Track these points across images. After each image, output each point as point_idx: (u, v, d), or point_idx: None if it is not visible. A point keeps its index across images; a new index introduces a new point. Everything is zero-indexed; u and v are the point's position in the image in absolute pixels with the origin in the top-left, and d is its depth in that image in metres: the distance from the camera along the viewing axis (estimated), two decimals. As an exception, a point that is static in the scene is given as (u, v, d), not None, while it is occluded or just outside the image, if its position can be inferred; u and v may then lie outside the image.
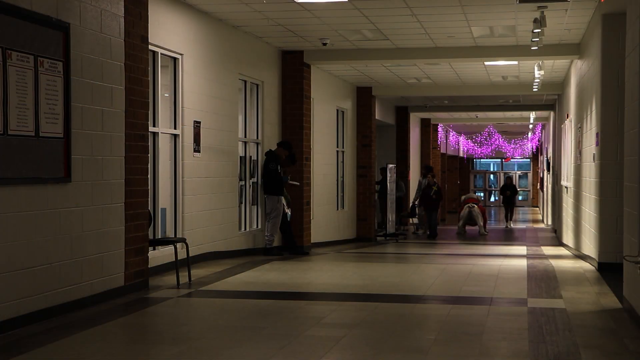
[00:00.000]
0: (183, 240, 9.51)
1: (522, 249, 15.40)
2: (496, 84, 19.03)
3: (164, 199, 10.46)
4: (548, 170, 25.57)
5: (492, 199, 47.55)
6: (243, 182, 13.07)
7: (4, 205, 6.33)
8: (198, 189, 11.16)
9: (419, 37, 12.79)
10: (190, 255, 9.79)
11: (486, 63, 15.46)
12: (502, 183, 29.19)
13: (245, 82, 13.11)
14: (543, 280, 9.96)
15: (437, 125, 29.59)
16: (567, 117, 16.03)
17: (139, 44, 8.54)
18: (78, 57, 7.36)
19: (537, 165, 39.89)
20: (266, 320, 7.01)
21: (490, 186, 48.37)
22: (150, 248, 9.39)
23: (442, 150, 32.01)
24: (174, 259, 9.35)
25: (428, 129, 27.91)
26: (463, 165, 43.05)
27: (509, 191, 26.87)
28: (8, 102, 6.32)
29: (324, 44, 13.41)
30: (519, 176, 48.48)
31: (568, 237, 15.39)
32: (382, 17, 11.36)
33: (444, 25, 11.94)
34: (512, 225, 26.11)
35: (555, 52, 13.54)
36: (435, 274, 10.68)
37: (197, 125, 11.10)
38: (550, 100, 22.17)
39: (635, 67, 7.07)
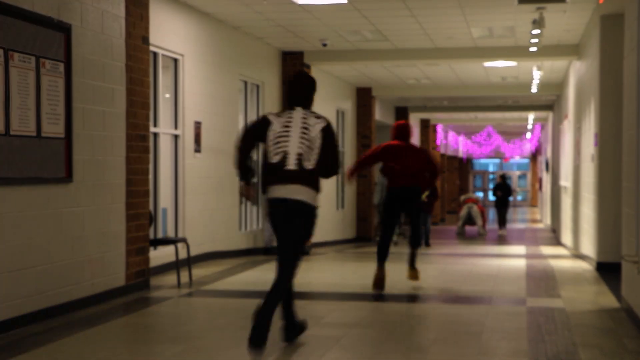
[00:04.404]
0: (184, 240, 9.54)
1: (521, 249, 15.44)
2: (495, 85, 19.08)
3: (165, 199, 10.50)
4: (547, 170, 25.59)
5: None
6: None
7: (6, 205, 6.37)
8: (199, 189, 11.21)
9: (418, 38, 12.83)
10: (191, 255, 9.83)
11: (485, 64, 15.50)
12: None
13: (245, 82, 13.15)
14: (542, 280, 10.00)
15: (437, 125, 29.65)
16: (566, 118, 16.07)
17: (140, 45, 8.58)
18: (79, 58, 7.40)
19: (536, 166, 39.94)
20: (267, 319, 7.04)
21: (489, 186, 48.45)
22: (151, 248, 9.43)
23: (442, 151, 32.07)
24: (174, 259, 9.38)
25: (427, 130, 27.97)
26: (462, 166, 43.11)
27: (500, 191, 22.60)
28: (10, 103, 6.36)
29: (324, 45, 13.45)
30: (519, 176, 48.55)
31: (567, 237, 15.43)
32: (382, 18, 11.40)
33: (443, 27, 11.99)
34: (505, 232, 21.63)
35: (554, 53, 13.59)
36: (435, 273, 10.72)
37: (197, 125, 11.14)
38: (549, 100, 22.21)
39: (633, 68, 7.11)
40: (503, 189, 22.72)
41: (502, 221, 22.16)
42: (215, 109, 11.78)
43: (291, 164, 5.59)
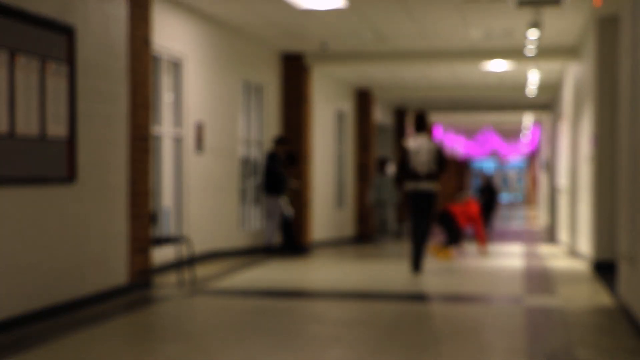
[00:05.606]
0: (186, 239, 9.62)
1: (518, 248, 15.52)
2: (493, 86, 19.15)
3: (167, 198, 10.58)
4: (544, 170, 25.68)
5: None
6: (244, 182, 13.20)
7: (10, 205, 6.45)
8: (201, 189, 11.29)
9: (418, 40, 12.91)
10: (192, 254, 9.91)
11: (484, 65, 15.57)
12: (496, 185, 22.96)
13: (246, 84, 13.23)
14: (539, 279, 10.08)
15: (435, 125, 29.71)
16: (564, 118, 16.16)
17: (142, 47, 8.65)
18: (83, 59, 7.47)
19: (534, 165, 40.03)
20: (267, 318, 7.13)
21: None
22: (154, 247, 9.51)
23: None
24: (176, 258, 9.46)
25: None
26: (461, 166, 43.17)
27: (487, 193, 22.11)
28: (15, 104, 6.45)
29: (325, 48, 13.53)
30: (517, 176, 48.55)
31: (564, 236, 15.52)
32: (382, 21, 11.48)
33: (442, 29, 12.07)
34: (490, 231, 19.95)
35: (552, 55, 13.67)
36: (434, 272, 10.79)
37: (199, 126, 11.23)
38: (547, 101, 22.30)
39: (629, 70, 7.20)
40: (489, 190, 22.83)
41: (488, 221, 22.12)
42: (216, 109, 11.87)
43: (421, 169, 9.96)
